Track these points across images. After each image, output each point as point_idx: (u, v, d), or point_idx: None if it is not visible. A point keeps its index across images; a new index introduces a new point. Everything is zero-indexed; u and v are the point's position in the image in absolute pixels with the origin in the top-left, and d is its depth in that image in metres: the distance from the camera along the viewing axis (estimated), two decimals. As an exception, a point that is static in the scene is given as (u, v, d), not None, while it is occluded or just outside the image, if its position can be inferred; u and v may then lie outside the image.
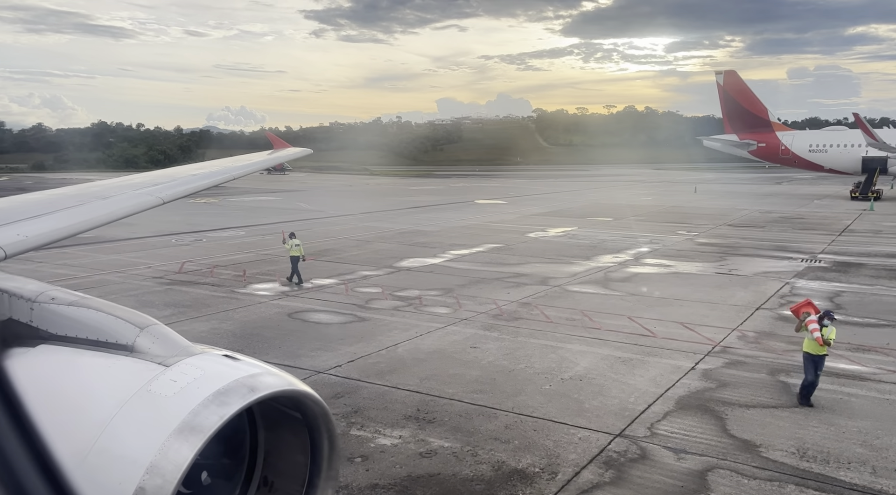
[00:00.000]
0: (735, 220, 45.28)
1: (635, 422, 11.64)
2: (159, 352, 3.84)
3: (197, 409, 3.38)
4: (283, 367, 11.81)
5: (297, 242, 24.02)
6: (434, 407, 12.51)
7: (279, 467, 4.20)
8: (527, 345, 16.39)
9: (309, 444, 4.04)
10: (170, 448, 3.25)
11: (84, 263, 27.24)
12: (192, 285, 23.40)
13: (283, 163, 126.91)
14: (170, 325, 12.67)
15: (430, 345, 16.48)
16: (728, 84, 73.36)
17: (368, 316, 19.41)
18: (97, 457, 3.30)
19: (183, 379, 3.59)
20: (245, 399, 3.49)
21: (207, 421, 3.34)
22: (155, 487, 3.18)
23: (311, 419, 3.97)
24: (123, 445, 3.35)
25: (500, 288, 23.25)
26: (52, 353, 4.03)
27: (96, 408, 3.52)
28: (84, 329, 4.11)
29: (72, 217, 6.37)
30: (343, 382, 13.87)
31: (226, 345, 16.40)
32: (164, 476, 3.20)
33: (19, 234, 5.50)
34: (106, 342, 4.00)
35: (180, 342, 3.95)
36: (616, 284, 23.96)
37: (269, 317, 19.34)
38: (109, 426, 3.39)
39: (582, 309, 20.09)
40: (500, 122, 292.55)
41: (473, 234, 37.40)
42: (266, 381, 3.66)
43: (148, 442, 3.30)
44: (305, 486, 4.10)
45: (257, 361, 3.92)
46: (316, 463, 4.05)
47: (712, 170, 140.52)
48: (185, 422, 3.33)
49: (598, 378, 14.03)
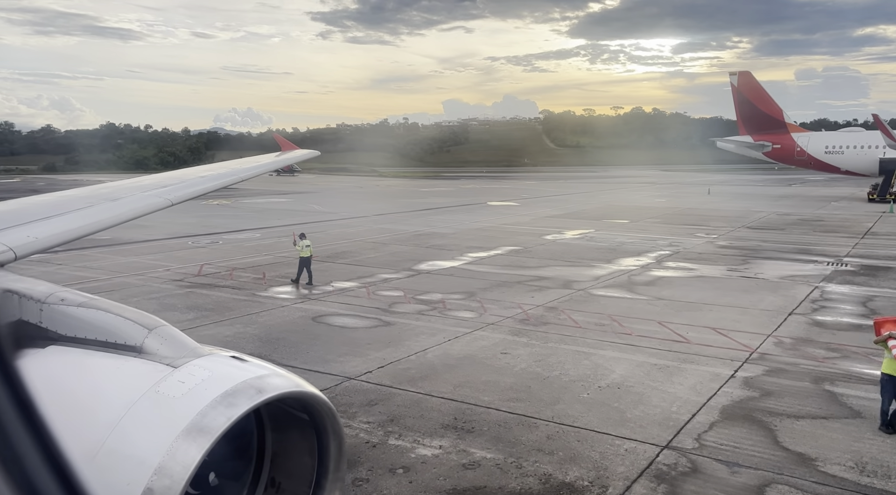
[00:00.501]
0: (753, 223, 44.82)
1: (681, 433, 11.28)
2: (167, 354, 3.87)
3: (205, 410, 3.41)
4: (313, 373, 11.56)
5: (308, 243, 23.97)
6: (471, 415, 12.18)
7: (286, 468, 4.24)
8: (558, 351, 16.05)
9: (316, 446, 4.07)
10: (178, 449, 3.28)
11: (103, 265, 27.02)
12: (213, 288, 23.13)
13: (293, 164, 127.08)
14: (193, 330, 12.41)
15: (460, 351, 16.16)
16: (742, 85, 72.86)
17: (394, 320, 19.10)
18: (106, 458, 3.32)
19: (191, 380, 3.62)
20: (253, 400, 3.52)
21: (215, 423, 3.36)
22: (163, 488, 3.20)
23: (319, 420, 3.99)
24: (132, 446, 3.38)
25: (523, 291, 22.91)
26: (61, 354, 4.06)
27: (105, 409, 3.55)
28: (93, 330, 4.13)
29: (81, 219, 6.41)
30: (376, 389, 13.56)
31: (252, 349, 16.14)
32: (172, 476, 3.22)
33: (29, 236, 5.55)
34: (115, 343, 4.03)
35: (188, 343, 3.99)
36: (641, 288, 23.59)
37: (293, 320, 19.04)
38: (118, 426, 3.42)
39: (610, 313, 19.74)
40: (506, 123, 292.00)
41: (490, 237, 37.07)
42: (274, 383, 3.67)
43: (156, 442, 3.33)
44: (312, 487, 4.13)
45: (265, 363, 3.94)
46: (323, 465, 4.09)
47: (721, 172, 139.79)
48: (193, 423, 3.36)
49: (636, 386, 13.67)
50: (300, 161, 56.56)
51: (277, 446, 4.23)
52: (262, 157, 13.73)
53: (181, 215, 47.32)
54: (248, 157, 13.46)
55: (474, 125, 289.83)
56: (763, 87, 73.36)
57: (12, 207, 6.77)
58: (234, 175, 10.52)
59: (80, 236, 6.37)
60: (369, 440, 11.16)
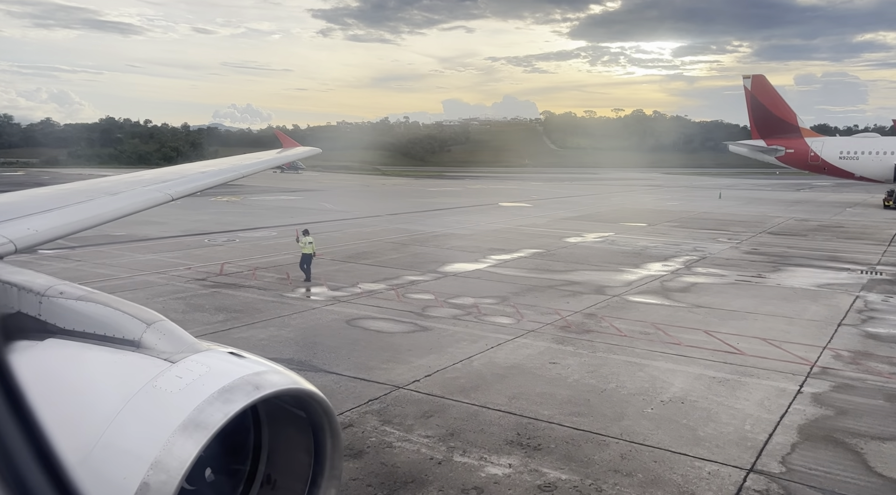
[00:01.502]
0: (773, 228, 44.21)
1: (763, 455, 10.64)
2: (165, 348, 3.86)
3: (202, 406, 3.39)
4: (360, 381, 10.87)
5: (310, 240, 23.83)
6: (534, 431, 11.54)
7: (282, 465, 4.23)
8: (609, 362, 15.41)
9: (313, 443, 4.06)
10: (174, 444, 3.26)
11: (123, 263, 26.34)
12: (238, 288, 22.47)
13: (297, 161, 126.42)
14: (226, 332, 11.73)
15: (506, 359, 15.52)
16: (756, 88, 72.21)
17: (430, 325, 18.46)
18: (102, 452, 3.30)
19: (188, 375, 3.59)
20: (250, 396, 3.51)
21: (212, 418, 3.35)
22: (159, 483, 3.18)
23: (316, 418, 3.97)
24: (128, 440, 3.35)
25: (557, 296, 22.28)
26: (59, 347, 4.06)
27: (102, 403, 3.53)
28: (91, 323, 4.12)
29: (81, 212, 6.40)
30: (428, 400, 12.91)
31: (290, 354, 15.50)
32: (168, 471, 3.20)
33: (29, 228, 5.57)
34: (113, 337, 4.02)
35: (186, 338, 3.96)
36: (677, 295, 22.97)
37: (326, 324, 18.40)
38: (115, 421, 3.39)
39: (652, 321, 19.11)
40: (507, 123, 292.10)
41: (509, 239, 36.43)
42: (271, 379, 3.66)
43: (153, 437, 3.30)
44: (308, 485, 4.11)
45: (263, 359, 3.92)
46: (319, 463, 4.08)
47: (724, 176, 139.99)
48: (189, 419, 3.34)
49: (699, 401, 13.03)
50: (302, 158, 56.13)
51: (274, 443, 4.22)
52: (264, 154, 13.65)
53: (193, 212, 46.74)
54: (249, 154, 13.28)
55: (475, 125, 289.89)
56: (777, 91, 72.73)
57: (12, 200, 6.79)
58: (236, 171, 10.43)
59: (80, 229, 6.29)
60: (433, 456, 10.51)
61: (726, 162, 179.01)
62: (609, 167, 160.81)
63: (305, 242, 23.71)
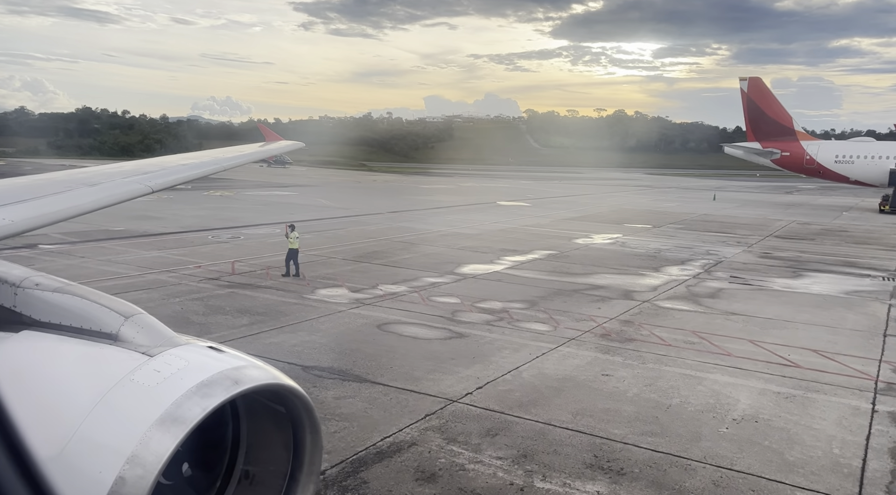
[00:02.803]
0: (779, 232, 43.85)
1: (867, 484, 9.95)
2: (144, 342, 3.78)
3: (180, 400, 3.34)
4: (407, 392, 10.02)
5: (297, 235, 23.65)
6: (611, 453, 10.78)
7: (261, 460, 4.16)
8: (664, 374, 14.70)
9: (292, 439, 3.99)
10: (151, 438, 3.21)
11: (128, 260, 25.27)
12: (255, 289, 21.53)
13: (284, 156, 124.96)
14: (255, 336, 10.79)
15: (555, 370, 14.76)
16: (752, 91, 72.00)
17: (465, 331, 17.66)
18: (77, 445, 3.24)
19: (167, 369, 3.54)
20: (229, 391, 3.46)
21: (190, 413, 3.30)
22: (135, 477, 3.14)
23: (295, 413, 3.92)
24: (104, 434, 3.29)
25: (585, 302, 21.57)
26: (34, 340, 3.98)
27: (78, 396, 3.46)
28: (68, 316, 4.04)
29: (58, 203, 6.28)
30: (487, 415, 12.12)
31: (328, 362, 14.63)
32: (144, 466, 3.15)
33: (4, 219, 5.43)
34: (90, 330, 3.94)
35: (165, 332, 3.89)
36: (706, 301, 22.34)
37: (357, 329, 17.54)
38: (91, 414, 3.33)
39: (692, 330, 18.45)
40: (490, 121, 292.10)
41: (518, 239, 35.72)
42: (250, 374, 3.62)
43: (129, 431, 3.25)
44: (287, 480, 4.06)
45: (242, 354, 3.85)
46: (298, 458, 4.02)
47: (707, 177, 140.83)
48: (167, 413, 3.29)
49: (773, 419, 12.34)
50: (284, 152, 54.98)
51: (252, 438, 4.15)
52: (246, 147, 13.47)
53: (190, 207, 45.62)
54: (231, 147, 13.13)
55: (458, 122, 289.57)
56: (773, 94, 72.59)
57: None
58: (217, 164, 10.24)
59: (56, 220, 6.16)
60: (512, 481, 9.72)
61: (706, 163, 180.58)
62: (592, 166, 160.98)
63: (293, 238, 23.54)
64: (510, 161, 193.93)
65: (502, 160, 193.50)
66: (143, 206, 43.26)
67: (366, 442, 10.88)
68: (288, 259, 23.70)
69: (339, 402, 12.50)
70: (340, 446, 10.66)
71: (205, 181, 64.65)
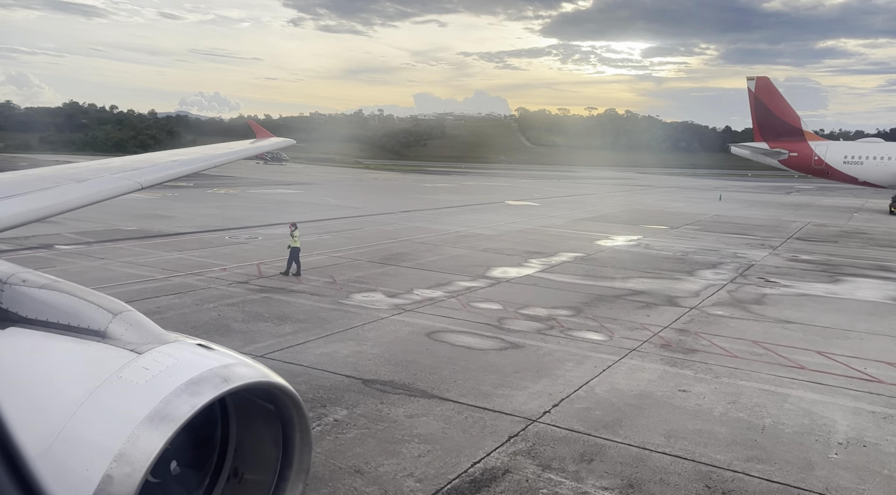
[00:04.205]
0: (798, 234, 43.17)
1: None
2: (132, 339, 3.75)
3: (168, 398, 3.30)
4: (481, 411, 9.06)
5: (298, 234, 23.50)
6: (722, 482, 9.92)
7: (250, 458, 4.12)
8: (743, 390, 13.86)
9: (281, 436, 3.95)
10: (139, 436, 3.17)
11: (150, 262, 24.23)
12: (289, 293, 20.58)
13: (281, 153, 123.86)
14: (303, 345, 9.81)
15: (628, 386, 13.91)
16: (759, 90, 71.38)
17: (518, 340, 16.79)
18: (64, 444, 3.21)
19: (155, 367, 3.50)
20: (218, 389, 3.42)
21: (179, 411, 3.27)
22: (123, 475, 3.10)
23: (285, 411, 3.88)
24: (92, 432, 3.25)
25: (631, 308, 20.75)
26: (21, 337, 3.93)
27: (65, 394, 3.42)
28: (55, 313, 3.99)
29: (46, 199, 6.20)
30: (575, 438, 11.24)
31: (387, 374, 13.69)
32: (132, 464, 3.11)
33: None
34: (77, 327, 3.89)
35: (154, 329, 3.84)
36: (754, 307, 21.56)
37: (406, 337, 16.64)
38: (78, 412, 3.30)
39: (752, 339, 17.66)
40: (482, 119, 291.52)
41: (539, 241, 34.87)
42: (240, 372, 3.59)
43: (117, 429, 3.21)
44: (276, 478, 4.01)
45: (231, 351, 3.81)
46: (287, 456, 3.98)
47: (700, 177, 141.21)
48: (155, 411, 3.25)
49: (881, 443, 11.50)
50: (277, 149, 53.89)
51: (242, 436, 4.10)
52: (237, 144, 13.46)
53: (198, 205, 44.58)
54: (221, 143, 13.12)
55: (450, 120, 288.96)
56: (780, 94, 72.00)
57: None
58: (208, 160, 10.22)
59: (44, 216, 6.11)
60: (629, 517, 8.86)
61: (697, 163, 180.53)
62: (586, 165, 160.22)
63: (296, 236, 23.18)
64: (503, 159, 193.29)
65: (494, 158, 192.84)
66: (151, 205, 42.24)
67: (455, 468, 9.99)
68: (292, 258, 23.14)
69: (413, 421, 11.61)
70: (431, 473, 9.78)
71: (206, 178, 63.62)
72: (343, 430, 11.14)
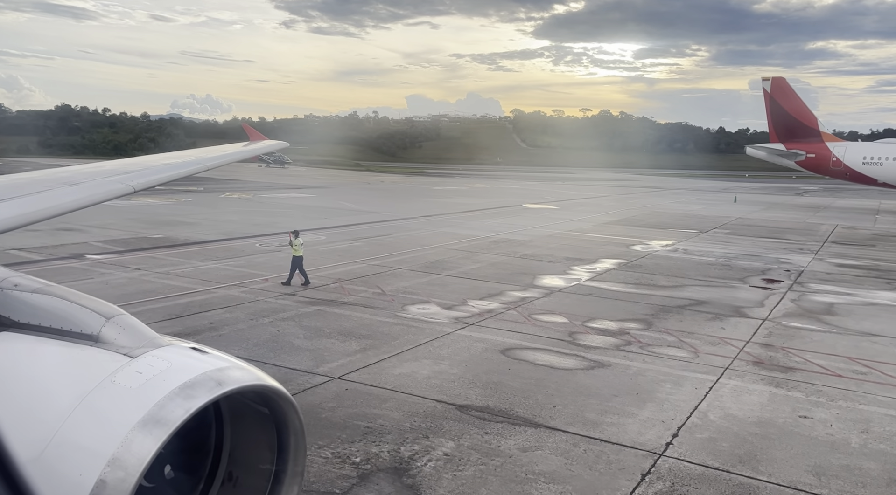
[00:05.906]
0: (832, 237, 42.12)
1: None
2: (125, 343, 3.69)
3: (162, 402, 3.26)
4: (598, 443, 7.38)
5: (301, 242, 22.41)
6: (903, 530, 8.75)
7: (245, 462, 4.09)
8: (870, 416, 12.68)
9: (276, 440, 3.91)
10: (133, 440, 3.13)
11: (188, 272, 22.94)
12: (340, 305, 19.35)
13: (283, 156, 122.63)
14: (378, 366, 8.05)
15: (741, 411, 12.70)
16: (775, 91, 70.40)
17: (600, 358, 15.60)
18: (58, 448, 3.17)
19: (149, 371, 3.45)
20: (212, 393, 3.37)
21: (172, 415, 3.22)
22: (116, 480, 3.04)
23: (279, 415, 3.83)
24: (85, 436, 3.20)
25: (701, 320, 19.60)
26: (13, 341, 3.88)
27: (58, 398, 3.37)
28: (48, 317, 3.94)
29: (38, 202, 6.15)
30: (714, 476, 10.04)
31: (483, 401, 12.28)
32: (126, 468, 3.06)
33: None
34: (70, 331, 3.85)
35: (147, 333, 3.79)
36: (828, 318, 20.42)
37: (482, 355, 15.43)
38: (71, 417, 3.25)
39: (846, 355, 16.51)
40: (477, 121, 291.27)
41: (574, 247, 33.71)
42: (234, 375, 3.53)
43: (110, 434, 3.16)
44: (271, 482, 3.97)
45: (225, 355, 3.75)
46: (282, 460, 3.94)
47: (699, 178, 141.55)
48: (149, 415, 3.20)
49: None
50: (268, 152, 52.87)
51: (236, 440, 4.06)
52: (230, 147, 13.33)
53: (216, 211, 43.35)
54: (214, 146, 12.92)
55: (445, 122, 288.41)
56: (797, 94, 71.03)
57: None
58: (201, 164, 10.14)
59: (36, 220, 6.02)
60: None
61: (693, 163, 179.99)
62: (582, 167, 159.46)
63: (297, 245, 22.01)
64: (499, 161, 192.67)
65: (491, 160, 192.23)
66: (169, 211, 41.00)
67: (600, 517, 8.77)
68: (294, 267, 21.87)
69: (529, 456, 10.40)
70: (576, 525, 8.55)
71: (215, 182, 62.34)
72: (458, 467, 9.93)
